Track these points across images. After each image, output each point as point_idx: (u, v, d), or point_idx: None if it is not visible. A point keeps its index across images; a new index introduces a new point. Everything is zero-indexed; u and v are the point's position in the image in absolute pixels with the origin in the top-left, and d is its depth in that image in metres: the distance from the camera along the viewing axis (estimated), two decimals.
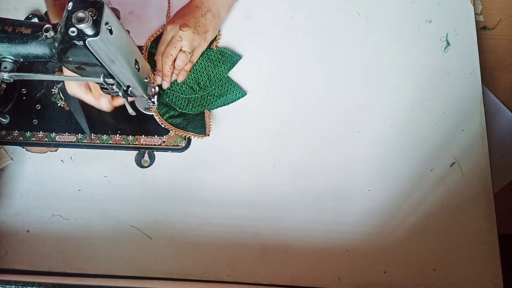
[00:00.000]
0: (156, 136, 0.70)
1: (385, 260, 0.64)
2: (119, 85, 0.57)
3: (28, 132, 0.69)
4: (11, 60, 0.52)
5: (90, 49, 0.46)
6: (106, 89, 0.57)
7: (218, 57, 0.73)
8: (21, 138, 0.69)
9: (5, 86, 0.71)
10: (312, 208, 0.66)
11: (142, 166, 0.69)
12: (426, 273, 0.64)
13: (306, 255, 0.64)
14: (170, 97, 0.72)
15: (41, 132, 0.69)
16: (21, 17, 0.74)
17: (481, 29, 0.82)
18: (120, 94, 0.58)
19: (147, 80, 0.62)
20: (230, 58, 0.73)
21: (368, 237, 0.65)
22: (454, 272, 0.64)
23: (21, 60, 0.52)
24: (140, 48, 0.64)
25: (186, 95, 0.72)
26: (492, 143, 0.76)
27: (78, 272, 0.63)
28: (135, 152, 0.70)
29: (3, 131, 0.69)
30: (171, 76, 0.70)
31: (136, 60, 0.57)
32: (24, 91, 0.71)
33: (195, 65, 0.72)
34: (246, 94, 0.72)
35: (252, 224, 0.65)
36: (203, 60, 0.73)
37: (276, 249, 0.65)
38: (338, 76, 0.73)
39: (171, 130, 0.70)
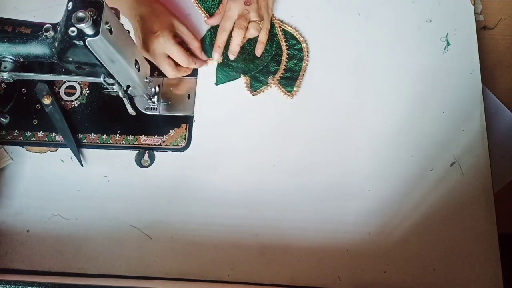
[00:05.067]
0: (156, 136, 0.70)
1: (385, 260, 0.64)
2: (119, 85, 0.57)
3: (28, 132, 0.69)
4: (11, 60, 0.52)
5: (90, 49, 0.46)
6: (106, 89, 0.57)
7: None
8: (21, 138, 0.69)
9: (5, 86, 0.71)
10: (312, 208, 0.66)
11: (142, 166, 0.69)
12: (426, 273, 0.64)
13: (306, 255, 0.64)
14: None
15: (41, 132, 0.69)
16: (21, 17, 0.74)
17: (481, 29, 0.82)
18: (120, 94, 0.58)
19: (147, 80, 0.62)
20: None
21: (368, 237, 0.65)
22: (454, 272, 0.64)
23: (21, 60, 0.52)
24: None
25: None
26: (492, 143, 0.76)
27: (78, 272, 0.63)
28: (135, 152, 0.70)
29: (3, 131, 0.69)
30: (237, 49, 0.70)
31: (136, 60, 0.57)
32: (24, 91, 0.71)
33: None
34: None
35: (252, 224, 0.65)
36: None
37: (276, 249, 0.65)
38: (337, 76, 0.73)
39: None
